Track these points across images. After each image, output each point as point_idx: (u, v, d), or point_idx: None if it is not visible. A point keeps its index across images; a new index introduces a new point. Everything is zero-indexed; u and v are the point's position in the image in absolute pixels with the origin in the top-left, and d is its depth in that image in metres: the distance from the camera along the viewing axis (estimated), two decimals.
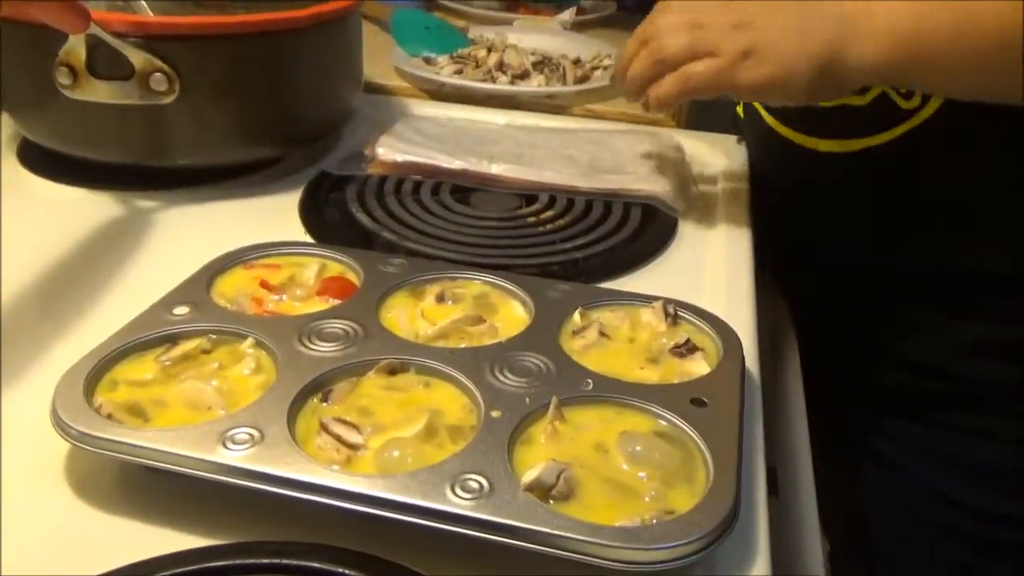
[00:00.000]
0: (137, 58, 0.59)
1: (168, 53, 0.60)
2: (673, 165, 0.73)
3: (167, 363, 0.43)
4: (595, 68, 0.96)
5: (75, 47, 0.59)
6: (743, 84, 0.57)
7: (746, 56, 0.56)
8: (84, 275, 0.56)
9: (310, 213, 0.65)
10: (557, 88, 0.90)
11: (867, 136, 0.66)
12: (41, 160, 0.69)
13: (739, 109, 0.84)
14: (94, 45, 0.59)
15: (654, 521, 0.35)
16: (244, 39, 0.63)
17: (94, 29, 0.57)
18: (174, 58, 0.60)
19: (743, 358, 0.46)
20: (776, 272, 0.78)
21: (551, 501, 0.36)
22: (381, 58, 0.97)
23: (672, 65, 0.59)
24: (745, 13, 0.57)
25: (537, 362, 0.44)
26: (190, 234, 0.62)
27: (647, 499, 0.36)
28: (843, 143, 0.68)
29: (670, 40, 0.59)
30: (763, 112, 0.75)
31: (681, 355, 0.46)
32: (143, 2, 0.68)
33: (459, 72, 0.93)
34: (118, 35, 0.59)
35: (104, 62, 0.60)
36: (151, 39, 0.60)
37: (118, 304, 0.52)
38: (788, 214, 0.76)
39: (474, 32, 1.07)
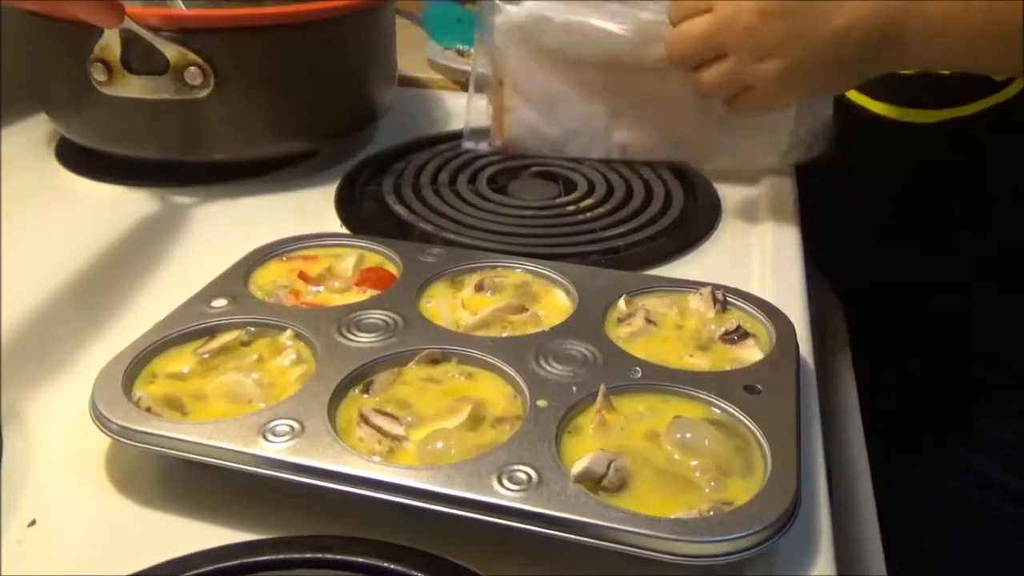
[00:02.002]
0: (171, 52, 0.59)
1: (202, 47, 0.60)
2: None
3: (205, 356, 0.42)
4: None
5: (109, 43, 0.59)
6: (790, 101, 0.61)
7: (787, 84, 0.57)
8: (122, 272, 0.56)
9: (346, 206, 0.64)
10: None
11: (952, 107, 0.63)
12: (79, 158, 0.69)
13: None
14: (128, 40, 0.59)
15: (711, 513, 0.33)
16: (278, 31, 0.63)
17: (128, 23, 0.56)
18: (208, 51, 0.60)
19: (797, 344, 0.45)
20: (824, 257, 0.76)
21: (601, 493, 0.34)
22: (414, 51, 0.96)
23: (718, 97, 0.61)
24: (765, 40, 0.55)
25: (583, 350, 0.43)
26: (227, 229, 0.62)
27: (705, 490, 0.34)
28: (924, 113, 0.65)
29: (708, 78, 0.59)
30: None
31: (732, 341, 0.44)
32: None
33: None
34: (152, 29, 0.58)
35: (139, 57, 0.60)
36: (185, 32, 0.59)
37: (156, 300, 0.51)
38: (851, 189, 0.74)
39: None
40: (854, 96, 0.70)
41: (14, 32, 0.66)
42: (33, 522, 0.36)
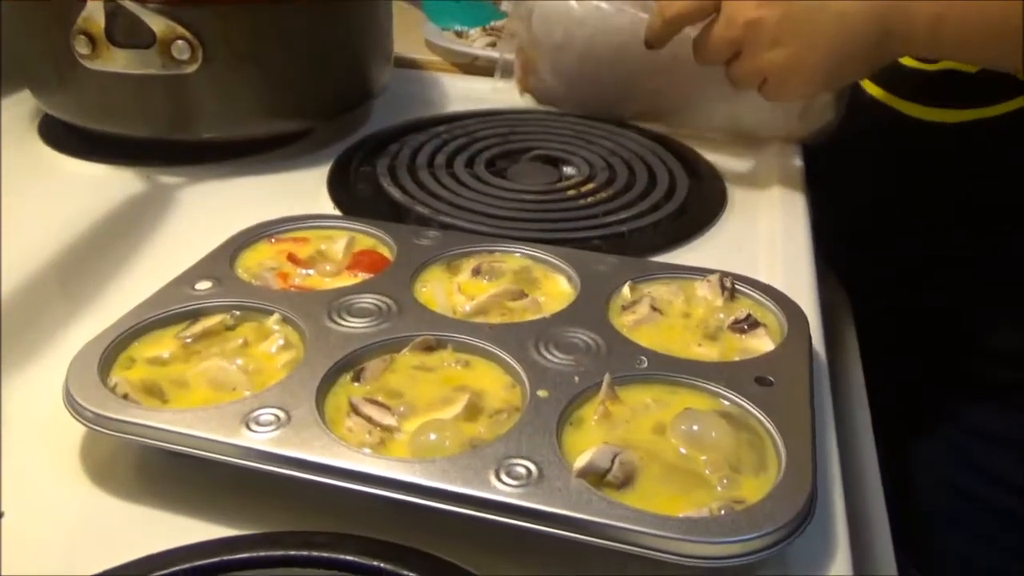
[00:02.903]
0: (158, 25, 0.57)
1: (191, 20, 0.57)
2: None
3: (188, 340, 0.40)
4: None
5: (93, 14, 0.57)
6: (805, 91, 0.60)
7: (794, 71, 0.56)
8: (105, 252, 0.54)
9: (339, 188, 0.62)
10: None
11: (977, 107, 0.62)
12: (62, 136, 0.66)
13: None
14: (113, 12, 0.56)
15: (722, 512, 0.31)
16: (269, 6, 0.60)
17: None
18: (197, 25, 0.57)
19: (809, 334, 0.43)
20: (834, 249, 0.74)
21: (605, 489, 0.32)
22: (412, 33, 0.94)
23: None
24: (772, 35, 0.55)
25: (585, 338, 0.41)
26: (215, 210, 0.59)
27: (716, 488, 0.32)
28: (948, 112, 0.64)
29: (739, 71, 0.59)
30: None
31: (742, 331, 0.42)
32: None
33: (492, 45, 0.89)
34: (138, 0, 0.56)
35: (123, 30, 0.57)
36: (173, 5, 0.57)
37: (139, 282, 0.49)
38: (866, 184, 0.72)
39: (506, 4, 1.03)
40: (878, 94, 0.68)
41: None
42: (1, 514, 0.34)
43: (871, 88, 0.69)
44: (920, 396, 0.73)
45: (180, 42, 0.57)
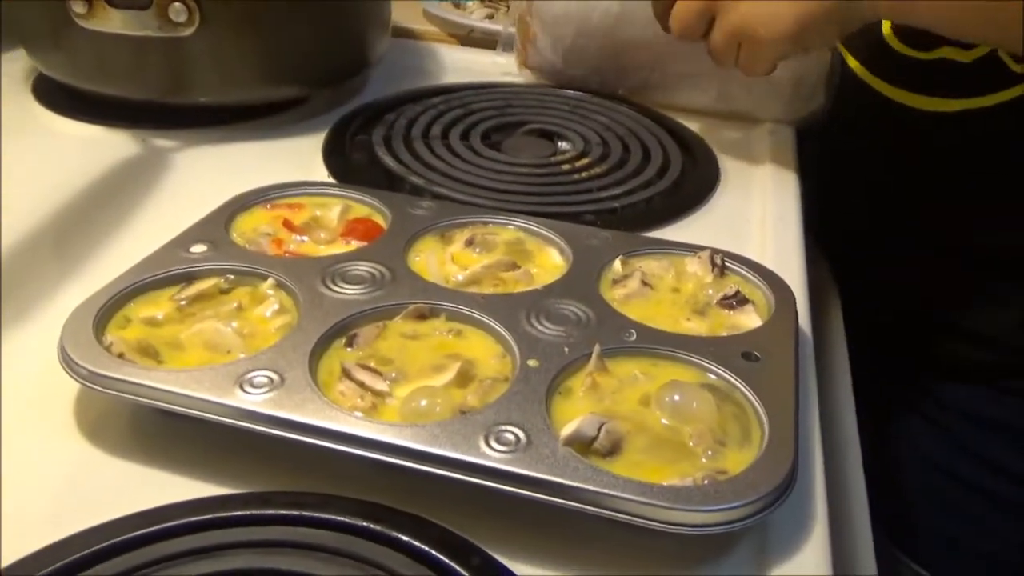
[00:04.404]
0: None
1: None
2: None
3: (183, 302, 0.40)
4: None
5: None
6: (765, 41, 0.57)
7: (765, 17, 0.55)
8: (98, 214, 0.54)
9: (334, 156, 0.62)
10: None
11: (968, 96, 0.62)
12: (57, 96, 0.66)
13: None
14: None
15: (705, 481, 0.32)
16: None
17: None
18: None
19: (796, 312, 0.43)
20: (824, 231, 0.75)
21: (592, 457, 0.33)
22: (410, 2, 0.93)
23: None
24: None
25: (576, 310, 0.41)
26: (209, 175, 0.59)
27: (701, 459, 0.33)
28: (940, 101, 0.64)
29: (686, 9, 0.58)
30: (849, 57, 0.71)
31: (730, 307, 0.43)
32: None
33: (490, 17, 0.89)
34: None
35: None
36: None
37: (133, 244, 0.49)
38: (857, 170, 0.72)
39: None
40: (870, 79, 0.68)
41: None
42: None
43: (863, 74, 0.69)
44: (906, 379, 0.74)
45: (177, 4, 0.57)
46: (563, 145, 0.66)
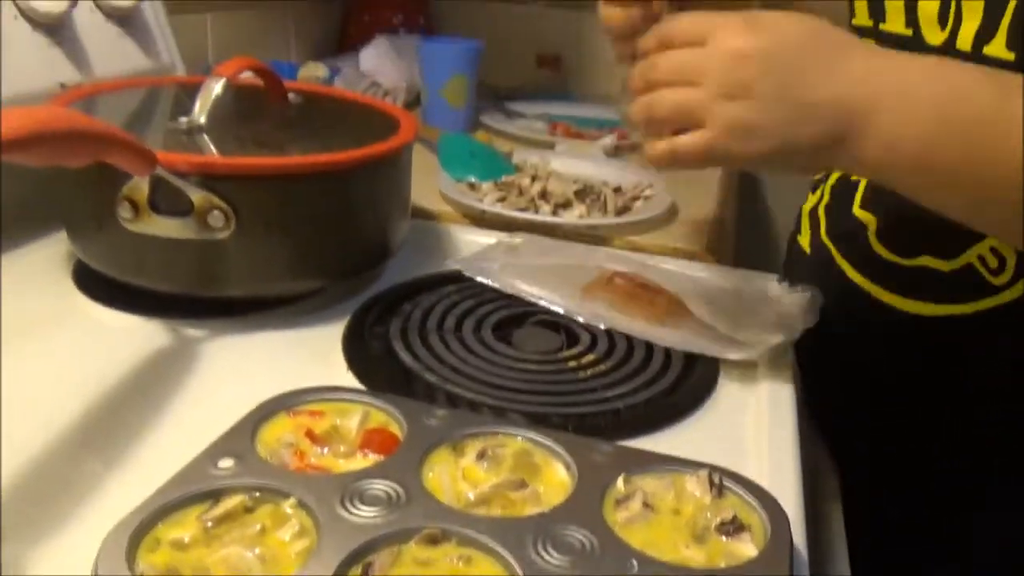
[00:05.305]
0: (197, 196, 0.61)
1: (227, 192, 0.62)
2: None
3: (209, 524, 0.42)
4: (635, 198, 0.98)
5: (139, 184, 0.61)
6: (737, 157, 0.55)
7: (743, 130, 0.53)
8: (132, 408, 0.57)
9: (353, 347, 0.66)
10: (598, 220, 0.92)
11: (951, 303, 0.66)
12: (96, 283, 0.70)
13: (804, 244, 0.83)
14: (157, 183, 0.61)
15: None
16: (302, 179, 0.65)
17: (159, 170, 0.59)
18: (232, 196, 0.62)
19: (791, 539, 0.45)
20: (818, 414, 0.78)
21: None
22: (428, 180, 0.99)
23: (661, 127, 0.56)
24: (742, 81, 0.52)
25: (580, 537, 0.43)
26: (237, 366, 0.63)
27: None
28: (924, 305, 0.67)
29: (662, 99, 0.55)
30: (837, 256, 0.75)
31: (728, 533, 0.45)
32: (205, 136, 0.70)
33: (502, 200, 0.95)
34: (181, 175, 0.61)
35: (165, 199, 0.62)
36: (212, 179, 0.62)
37: (166, 440, 0.53)
38: (851, 359, 0.75)
39: (518, 156, 1.09)
40: (858, 279, 0.72)
41: None
42: None
43: (852, 274, 0.73)
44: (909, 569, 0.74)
45: (216, 212, 0.62)
46: (571, 338, 0.69)
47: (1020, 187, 0.49)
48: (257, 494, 0.45)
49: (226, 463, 0.46)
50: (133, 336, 0.65)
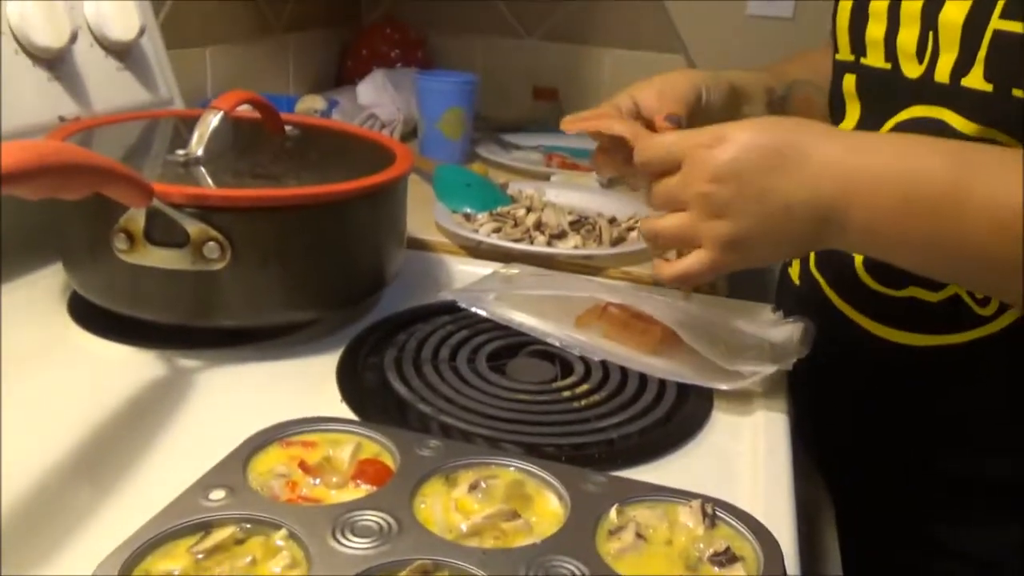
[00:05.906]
0: (193, 228, 0.62)
1: (223, 223, 0.62)
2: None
3: (199, 556, 0.42)
4: (630, 229, 0.98)
5: (135, 216, 0.62)
6: (740, 266, 0.60)
7: (734, 244, 0.58)
8: (127, 438, 0.57)
9: (347, 378, 0.66)
10: (593, 250, 0.92)
11: (937, 334, 0.67)
12: (91, 314, 0.70)
13: (794, 275, 0.83)
14: (153, 214, 0.62)
15: None
16: (297, 211, 0.66)
17: (156, 202, 0.59)
18: (228, 228, 0.62)
19: (785, 570, 0.45)
20: (813, 444, 0.78)
21: None
22: (424, 210, 0.99)
23: (667, 248, 0.63)
24: (720, 200, 0.57)
25: (573, 568, 0.43)
26: (231, 396, 0.63)
27: None
28: (912, 336, 0.68)
29: (663, 228, 0.61)
30: (825, 287, 0.75)
31: (720, 564, 0.45)
32: (202, 168, 0.71)
33: (497, 231, 0.95)
34: (176, 207, 0.61)
35: (161, 230, 0.62)
36: (208, 210, 0.62)
37: (160, 470, 0.54)
38: (844, 392, 0.76)
39: (513, 188, 1.10)
40: (847, 311, 0.73)
41: None
42: None
43: (841, 305, 0.73)
44: None
45: (211, 243, 0.62)
46: (565, 368, 0.69)
47: (994, 250, 0.52)
48: (248, 526, 0.45)
49: (217, 495, 0.46)
50: (127, 366, 0.65)
